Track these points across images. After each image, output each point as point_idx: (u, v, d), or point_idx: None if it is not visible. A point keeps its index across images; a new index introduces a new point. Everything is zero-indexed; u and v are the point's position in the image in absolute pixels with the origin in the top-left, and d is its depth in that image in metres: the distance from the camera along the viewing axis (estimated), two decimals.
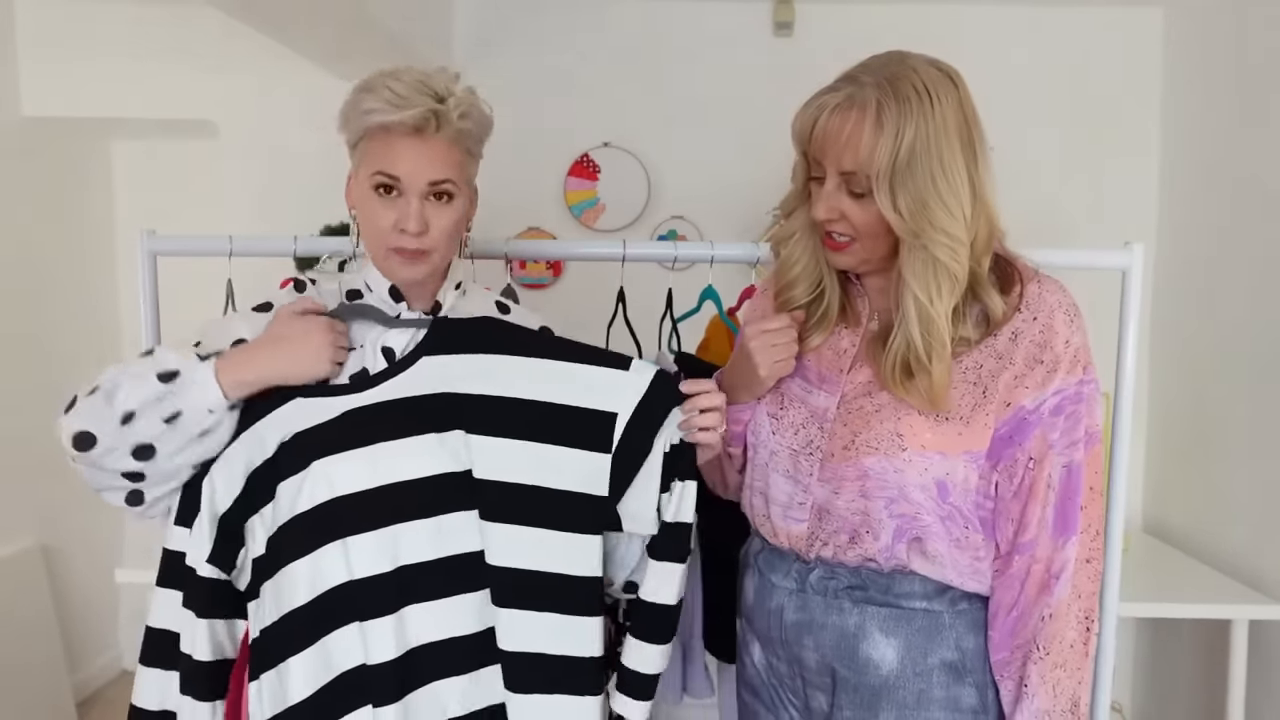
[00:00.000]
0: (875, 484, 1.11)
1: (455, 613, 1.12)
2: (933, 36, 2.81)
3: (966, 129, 1.07)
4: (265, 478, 1.11)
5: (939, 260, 1.05)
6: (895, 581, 1.15)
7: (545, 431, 1.14)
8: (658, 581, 1.17)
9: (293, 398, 1.12)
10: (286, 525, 1.10)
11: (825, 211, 1.10)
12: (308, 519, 1.09)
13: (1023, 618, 1.11)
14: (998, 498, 1.12)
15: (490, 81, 1.19)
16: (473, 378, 1.15)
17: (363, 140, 1.16)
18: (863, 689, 1.16)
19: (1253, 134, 2.38)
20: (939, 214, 1.04)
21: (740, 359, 1.23)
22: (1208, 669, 2.42)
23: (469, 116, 1.16)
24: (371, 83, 1.14)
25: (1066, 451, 1.08)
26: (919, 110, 1.02)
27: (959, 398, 1.09)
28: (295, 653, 1.10)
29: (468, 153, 1.19)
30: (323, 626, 1.09)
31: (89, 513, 3.18)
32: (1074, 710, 1.10)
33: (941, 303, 1.06)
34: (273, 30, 2.55)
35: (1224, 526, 2.45)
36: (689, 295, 1.87)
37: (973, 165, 1.07)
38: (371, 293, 1.22)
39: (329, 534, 1.09)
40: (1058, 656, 1.09)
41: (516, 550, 1.13)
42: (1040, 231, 1.87)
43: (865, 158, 1.04)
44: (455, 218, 1.17)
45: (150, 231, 1.58)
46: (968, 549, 1.13)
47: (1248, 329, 2.36)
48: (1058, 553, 1.09)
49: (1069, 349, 1.08)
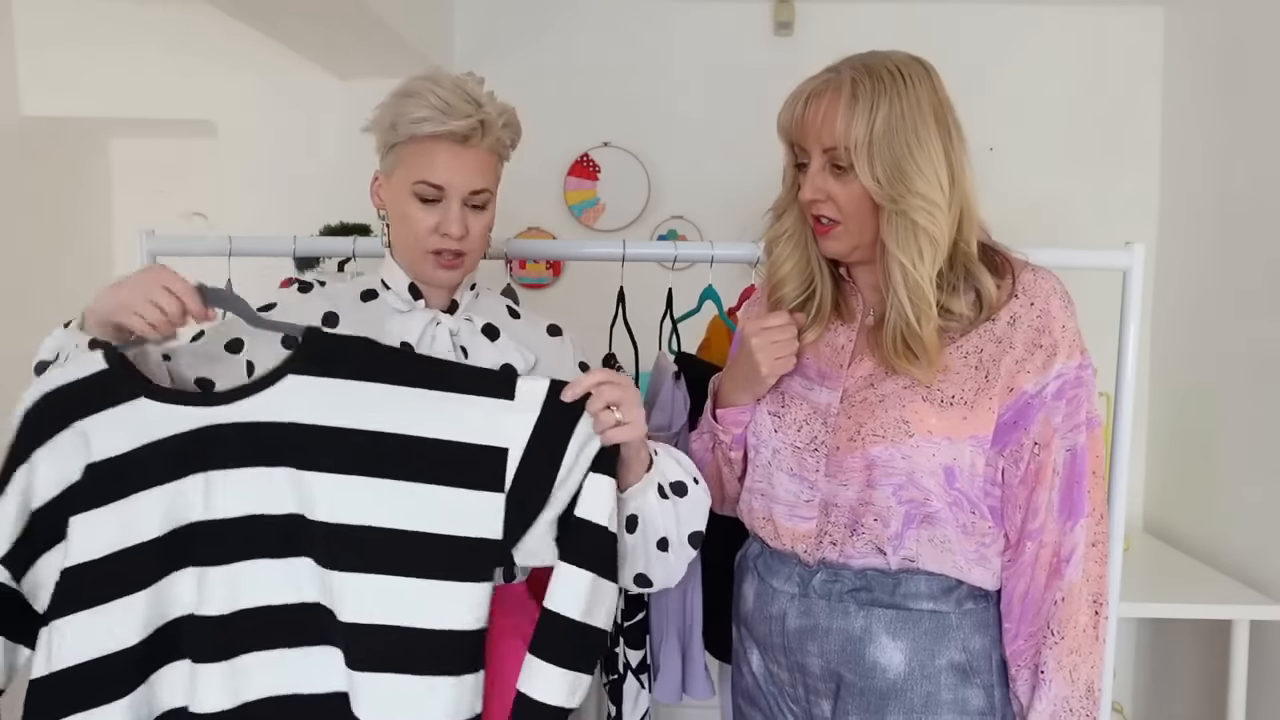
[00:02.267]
0: (882, 471, 1.12)
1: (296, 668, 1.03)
2: (933, 36, 2.84)
3: (941, 110, 1.11)
4: (59, 507, 1.00)
5: (918, 224, 1.09)
6: (901, 582, 1.14)
7: (423, 471, 1.02)
8: (563, 589, 1.03)
9: (137, 396, 1.01)
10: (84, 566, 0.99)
11: (811, 192, 1.14)
12: (104, 563, 1.00)
13: (1036, 604, 1.12)
14: (1005, 485, 1.13)
15: (490, 81, 1.20)
16: (338, 409, 1.03)
17: (402, 145, 1.16)
18: (869, 693, 1.15)
19: (1253, 134, 2.38)
20: (915, 179, 1.07)
21: (741, 358, 1.23)
22: (1208, 669, 2.42)
23: (509, 126, 1.20)
24: (414, 89, 1.14)
25: (1070, 435, 1.10)
26: (892, 87, 1.08)
27: (962, 382, 1.11)
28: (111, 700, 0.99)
29: (500, 160, 1.22)
30: (146, 669, 1.01)
31: None
32: (1089, 694, 1.11)
33: (924, 266, 1.09)
34: (272, 29, 2.55)
35: (1224, 526, 2.45)
36: (689, 295, 1.87)
37: (948, 142, 1.11)
38: (389, 290, 1.23)
39: (139, 579, 1.00)
40: (1072, 641, 1.10)
41: (371, 604, 1.01)
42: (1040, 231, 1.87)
43: (843, 131, 1.08)
44: (489, 222, 1.20)
45: (149, 231, 1.58)
46: (975, 535, 1.13)
47: (1248, 329, 2.36)
48: (1066, 536, 1.10)
49: (1066, 333, 1.11)
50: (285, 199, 2.90)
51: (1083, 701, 1.11)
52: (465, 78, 1.17)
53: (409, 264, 1.21)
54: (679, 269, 2.54)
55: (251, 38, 2.59)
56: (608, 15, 2.95)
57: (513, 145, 1.24)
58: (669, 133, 2.94)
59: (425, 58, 2.71)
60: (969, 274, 1.12)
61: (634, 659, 1.65)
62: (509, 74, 2.97)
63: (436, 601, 1.01)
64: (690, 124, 2.93)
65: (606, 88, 2.96)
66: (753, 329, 1.19)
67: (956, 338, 1.13)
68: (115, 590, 1.00)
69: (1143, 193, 2.86)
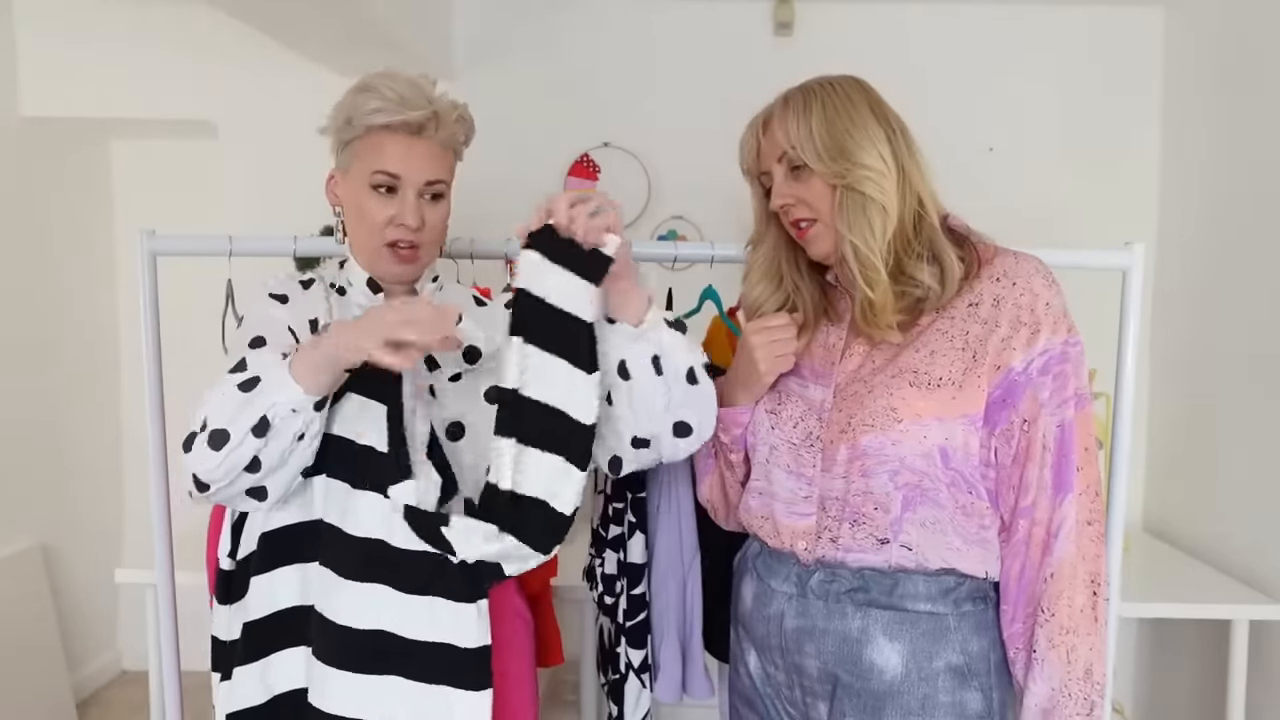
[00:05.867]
0: (874, 460, 1.13)
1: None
2: (932, 36, 2.84)
3: (878, 107, 1.19)
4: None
5: (867, 196, 1.15)
6: (899, 583, 1.14)
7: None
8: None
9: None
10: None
11: (780, 198, 1.21)
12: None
13: (1030, 584, 1.12)
14: (999, 465, 1.14)
15: (490, 81, 1.21)
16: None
17: (358, 139, 1.18)
18: (866, 695, 1.15)
19: (1253, 134, 2.38)
20: (856, 152, 1.15)
21: (741, 358, 1.25)
22: (1208, 669, 2.42)
23: (462, 120, 1.22)
24: (369, 83, 1.17)
25: (1058, 411, 1.11)
26: (824, 91, 1.19)
27: (949, 364, 1.14)
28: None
29: (454, 155, 1.24)
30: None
31: (89, 513, 3.19)
32: (1087, 677, 1.10)
33: (875, 240, 1.15)
34: (272, 30, 2.55)
35: (1224, 526, 2.45)
36: (689, 295, 1.87)
37: (887, 129, 1.17)
38: (352, 287, 1.25)
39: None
40: (1065, 620, 1.10)
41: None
42: (1040, 231, 1.87)
43: (789, 136, 1.18)
44: (444, 215, 1.22)
45: (150, 231, 1.58)
46: (974, 516, 1.15)
47: (1248, 329, 2.36)
48: (1055, 511, 1.11)
49: (1050, 310, 1.13)
50: (285, 199, 2.90)
51: (1081, 684, 1.09)
52: (419, 77, 1.20)
53: (367, 261, 1.23)
54: (679, 269, 2.54)
55: (251, 38, 2.59)
56: (608, 15, 2.95)
57: (466, 142, 1.26)
58: (669, 133, 2.94)
59: (425, 58, 2.71)
60: (934, 244, 1.17)
61: (635, 659, 1.65)
62: (509, 74, 2.99)
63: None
64: (690, 124, 2.93)
65: (607, 88, 2.96)
66: (753, 328, 1.23)
67: (932, 314, 1.17)
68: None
69: (1143, 193, 2.86)
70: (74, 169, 3.11)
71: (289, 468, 1.06)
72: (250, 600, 1.14)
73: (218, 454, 1.01)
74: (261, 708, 1.14)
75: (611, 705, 1.70)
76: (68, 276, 3.09)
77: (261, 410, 1.00)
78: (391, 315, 0.98)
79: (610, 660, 1.70)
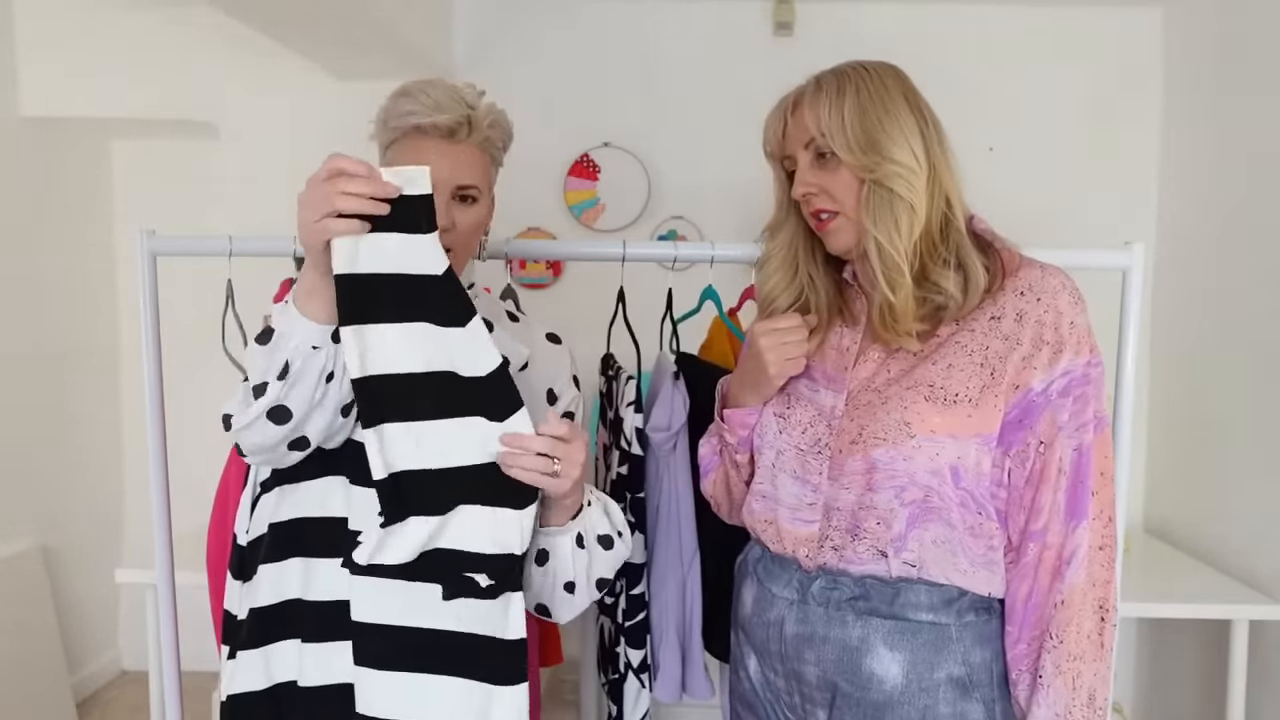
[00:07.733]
0: (883, 475, 1.11)
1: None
2: (932, 37, 2.84)
3: (912, 96, 1.15)
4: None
5: (895, 193, 1.10)
6: (900, 592, 1.12)
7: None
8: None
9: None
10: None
11: (803, 186, 1.16)
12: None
13: (1038, 608, 1.10)
14: (1011, 486, 1.11)
15: (490, 81, 1.21)
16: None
17: (395, 143, 1.20)
18: (865, 705, 1.12)
19: (1252, 134, 2.38)
20: (888, 147, 1.11)
21: (749, 359, 1.22)
22: (1208, 669, 2.42)
23: (497, 125, 1.22)
24: (408, 89, 1.19)
25: (1076, 434, 1.08)
26: (858, 77, 1.14)
27: (966, 379, 1.10)
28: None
29: (491, 160, 1.24)
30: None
31: (89, 513, 3.19)
32: (1090, 703, 1.09)
33: (900, 240, 1.11)
34: (272, 30, 2.55)
35: (1224, 526, 2.45)
36: (689, 295, 1.87)
37: (921, 122, 1.13)
38: None
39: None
40: (1073, 647, 1.08)
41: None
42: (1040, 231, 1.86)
43: (818, 119, 1.13)
44: (477, 219, 1.21)
45: (150, 231, 1.58)
46: (982, 537, 1.11)
47: (1248, 328, 2.36)
48: (1069, 538, 1.08)
49: (1074, 330, 1.09)
50: (285, 199, 2.90)
51: (1084, 710, 1.08)
52: (464, 85, 1.20)
53: None
54: (679, 269, 2.54)
55: (251, 38, 2.59)
56: (608, 16, 2.95)
57: (504, 147, 1.26)
58: (669, 133, 2.95)
59: (426, 58, 2.71)
60: (960, 250, 1.14)
61: (635, 659, 1.65)
62: (509, 74, 2.99)
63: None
64: (690, 124, 2.93)
65: (606, 88, 2.96)
66: (762, 329, 1.19)
67: (951, 324, 1.13)
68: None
69: (1142, 193, 2.86)
70: (74, 169, 3.11)
71: (324, 410, 1.08)
72: (259, 585, 1.16)
73: (256, 405, 1.05)
74: (261, 694, 1.16)
75: (611, 705, 1.70)
76: (68, 277, 3.09)
77: (285, 356, 1.05)
78: (323, 186, 1.03)
79: (610, 660, 1.70)
